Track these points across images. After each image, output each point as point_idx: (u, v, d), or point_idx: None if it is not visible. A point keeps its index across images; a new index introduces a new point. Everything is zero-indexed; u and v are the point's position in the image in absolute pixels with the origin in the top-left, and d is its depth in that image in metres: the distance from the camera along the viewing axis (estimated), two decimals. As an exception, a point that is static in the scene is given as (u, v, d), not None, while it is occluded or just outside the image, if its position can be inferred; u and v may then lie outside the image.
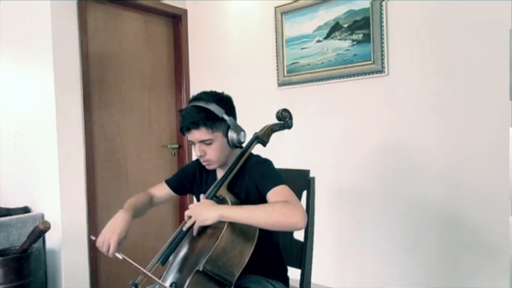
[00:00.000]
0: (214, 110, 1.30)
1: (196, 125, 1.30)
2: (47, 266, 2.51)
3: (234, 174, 1.36)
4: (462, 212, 2.06)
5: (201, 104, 1.31)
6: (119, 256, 1.25)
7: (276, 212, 1.16)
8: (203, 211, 1.21)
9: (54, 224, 2.39)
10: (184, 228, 1.27)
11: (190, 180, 1.55)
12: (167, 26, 3.28)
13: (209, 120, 1.30)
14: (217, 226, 1.21)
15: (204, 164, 1.40)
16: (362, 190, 2.42)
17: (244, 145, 1.43)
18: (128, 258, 1.23)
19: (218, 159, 1.37)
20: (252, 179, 1.35)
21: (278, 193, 1.25)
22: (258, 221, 1.17)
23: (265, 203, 1.24)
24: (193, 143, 1.36)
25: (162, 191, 1.59)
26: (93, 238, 1.32)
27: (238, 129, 1.36)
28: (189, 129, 1.32)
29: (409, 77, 2.22)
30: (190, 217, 1.25)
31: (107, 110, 2.82)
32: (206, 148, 1.34)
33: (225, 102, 1.37)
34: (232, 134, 1.35)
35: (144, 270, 1.18)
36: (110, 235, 1.28)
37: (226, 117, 1.32)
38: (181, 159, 3.26)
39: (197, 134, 1.32)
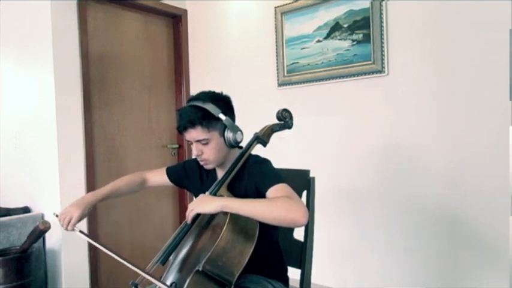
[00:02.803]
0: (210, 110, 1.31)
1: (192, 124, 1.31)
2: (47, 266, 2.51)
3: (234, 174, 1.36)
4: (462, 212, 2.06)
5: (198, 103, 1.32)
6: (76, 229, 1.38)
7: (277, 206, 1.17)
8: (204, 202, 1.22)
9: (54, 224, 2.38)
10: (188, 222, 1.27)
11: (189, 176, 1.56)
12: (167, 26, 3.28)
13: (205, 120, 1.31)
14: (217, 226, 1.21)
15: (201, 163, 1.41)
16: (362, 190, 2.42)
17: (243, 145, 1.43)
18: (83, 232, 1.37)
19: (215, 159, 1.38)
20: (251, 178, 1.35)
21: (278, 191, 1.25)
22: (259, 214, 1.17)
23: (268, 198, 1.24)
24: (191, 142, 1.37)
25: (159, 176, 1.64)
26: (55, 214, 1.44)
27: (235, 129, 1.36)
28: (185, 129, 1.33)
29: (409, 77, 2.22)
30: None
31: (107, 110, 2.82)
32: (203, 148, 1.35)
33: (223, 102, 1.37)
34: (228, 134, 1.35)
35: (101, 247, 1.30)
36: (73, 210, 1.40)
37: (222, 116, 1.32)
38: (181, 159, 3.26)
39: (193, 133, 1.33)
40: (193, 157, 1.49)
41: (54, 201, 2.47)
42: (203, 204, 1.21)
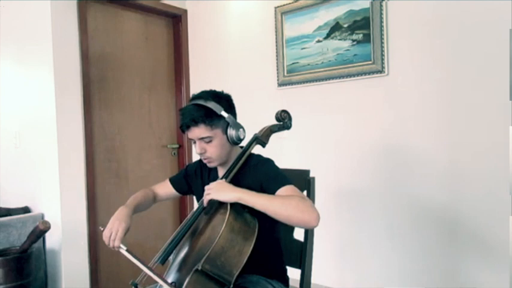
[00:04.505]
0: (212, 108, 1.32)
1: (195, 123, 1.31)
2: (47, 266, 2.52)
3: (235, 173, 1.37)
4: (462, 212, 2.06)
5: (200, 102, 1.33)
6: (123, 247, 1.25)
7: (293, 205, 1.18)
8: (222, 189, 1.25)
9: (54, 224, 2.39)
10: (204, 205, 1.30)
11: (192, 179, 1.57)
12: (167, 26, 3.28)
13: (208, 118, 1.31)
14: (216, 225, 1.22)
15: (204, 161, 1.41)
16: (362, 190, 2.42)
17: (243, 144, 1.44)
18: (130, 253, 1.23)
19: (218, 157, 1.38)
20: (255, 178, 1.35)
21: (289, 192, 1.26)
22: (275, 210, 1.19)
23: (283, 195, 1.25)
24: (194, 141, 1.37)
25: (165, 189, 1.62)
26: (102, 228, 1.32)
27: (237, 126, 1.37)
28: (188, 127, 1.33)
29: (409, 77, 2.22)
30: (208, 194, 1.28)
31: (107, 110, 2.82)
32: (206, 146, 1.36)
33: (225, 100, 1.38)
34: (231, 131, 1.36)
35: (144, 268, 1.19)
36: (118, 223, 1.30)
37: (225, 114, 1.33)
38: (181, 159, 3.26)
39: (196, 132, 1.33)
40: (194, 158, 1.49)
41: (54, 201, 2.47)
42: (221, 191, 1.24)
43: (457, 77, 2.07)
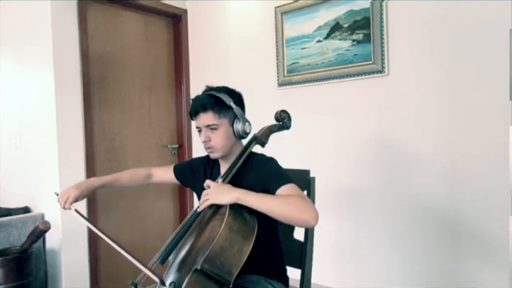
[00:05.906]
0: (223, 98, 1.37)
1: (204, 108, 1.36)
2: (47, 266, 2.52)
3: (236, 170, 1.37)
4: (462, 212, 2.06)
5: (213, 92, 1.39)
6: (72, 208, 1.44)
7: (291, 205, 1.20)
8: (221, 192, 1.26)
9: (54, 224, 2.39)
10: (199, 210, 1.31)
11: (194, 174, 1.58)
12: (167, 26, 3.28)
13: (217, 106, 1.36)
14: (216, 225, 1.22)
15: (207, 151, 1.43)
16: (362, 190, 2.41)
17: (244, 143, 1.45)
18: (79, 212, 1.42)
19: (222, 147, 1.40)
20: (258, 176, 1.35)
21: (288, 191, 1.27)
22: (273, 210, 1.20)
23: (282, 195, 1.26)
24: (200, 129, 1.41)
25: (165, 174, 1.69)
26: (56, 193, 1.50)
27: (244, 120, 1.40)
28: (197, 113, 1.38)
29: (409, 77, 2.22)
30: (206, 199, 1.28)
31: (107, 110, 2.82)
32: (211, 134, 1.38)
33: (236, 95, 1.44)
34: (237, 124, 1.39)
35: (95, 229, 1.35)
36: (73, 190, 1.47)
37: (234, 106, 1.37)
38: (181, 159, 3.26)
39: (204, 118, 1.37)
40: (199, 148, 1.50)
41: (54, 201, 2.45)
42: (218, 194, 1.25)
43: (457, 77, 2.07)
